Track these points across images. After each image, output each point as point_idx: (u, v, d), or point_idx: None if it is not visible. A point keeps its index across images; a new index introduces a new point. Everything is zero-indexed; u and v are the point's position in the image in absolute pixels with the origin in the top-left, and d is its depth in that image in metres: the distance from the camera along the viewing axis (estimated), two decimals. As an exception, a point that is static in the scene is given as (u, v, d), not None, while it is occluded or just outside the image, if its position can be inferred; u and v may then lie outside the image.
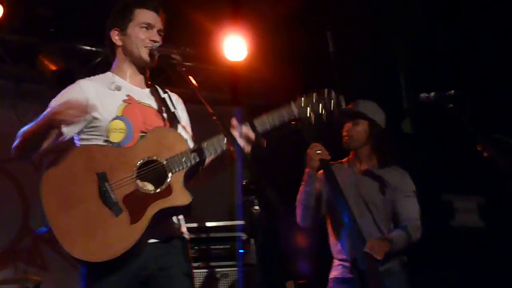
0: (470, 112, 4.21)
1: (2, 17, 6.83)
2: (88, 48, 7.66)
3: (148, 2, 3.98)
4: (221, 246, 6.31)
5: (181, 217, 3.88)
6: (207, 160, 3.79)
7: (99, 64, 7.64)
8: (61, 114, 3.52)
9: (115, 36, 3.97)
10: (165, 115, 3.91)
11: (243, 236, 6.16)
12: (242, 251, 6.14)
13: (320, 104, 3.89)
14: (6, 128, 7.52)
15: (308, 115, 3.88)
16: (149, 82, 4.05)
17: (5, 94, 7.68)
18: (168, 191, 3.60)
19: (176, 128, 3.88)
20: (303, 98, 3.88)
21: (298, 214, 5.27)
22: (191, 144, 3.85)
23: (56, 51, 7.37)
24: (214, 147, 3.71)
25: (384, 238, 5.07)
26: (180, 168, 3.64)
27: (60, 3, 7.26)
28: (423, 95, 4.36)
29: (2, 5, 6.80)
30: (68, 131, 3.75)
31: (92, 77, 3.97)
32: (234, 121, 3.73)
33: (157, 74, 4.19)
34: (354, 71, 7.79)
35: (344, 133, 5.40)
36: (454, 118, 4.22)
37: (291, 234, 5.44)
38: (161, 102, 3.96)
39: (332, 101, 3.92)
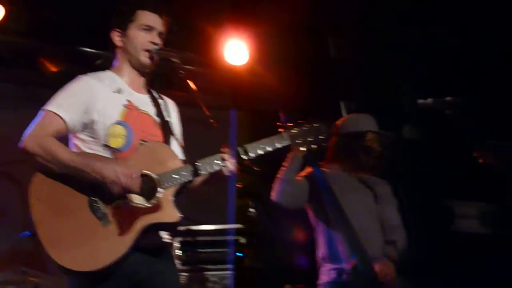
0: (469, 118, 4.23)
1: (4, 18, 6.83)
2: (90, 50, 7.67)
3: (150, 4, 3.99)
4: (217, 250, 6.31)
5: None
6: (199, 179, 3.83)
7: (100, 66, 7.64)
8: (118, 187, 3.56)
9: (116, 37, 3.99)
10: (161, 124, 3.92)
11: (241, 239, 6.17)
12: (240, 254, 6.14)
13: (311, 138, 3.96)
14: (8, 130, 7.57)
15: (299, 146, 3.96)
16: (148, 87, 4.05)
17: (7, 96, 7.66)
18: (157, 206, 3.62)
19: (169, 139, 3.90)
20: (295, 129, 3.95)
21: (275, 189, 5.22)
22: (181, 155, 3.88)
23: (58, 54, 7.38)
24: (207, 168, 3.73)
25: (389, 260, 5.12)
26: (171, 184, 3.66)
27: (63, 6, 7.27)
28: (421, 101, 4.37)
29: (3, 6, 6.80)
30: (72, 130, 3.78)
31: (93, 74, 3.95)
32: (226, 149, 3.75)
33: (158, 77, 4.18)
34: (355, 76, 7.80)
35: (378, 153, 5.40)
36: (452, 124, 4.24)
37: (288, 235, 5.45)
38: (157, 109, 3.96)
39: (323, 132, 3.98)
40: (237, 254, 6.10)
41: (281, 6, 7.21)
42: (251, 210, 3.41)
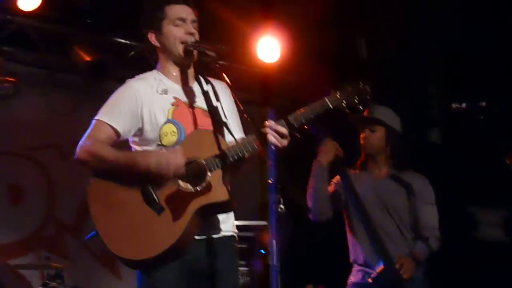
0: (500, 125, 4.21)
1: (39, 5, 6.89)
2: (123, 41, 7.70)
3: None
4: (240, 245, 6.31)
5: (231, 214, 3.95)
6: (246, 156, 3.80)
7: (133, 57, 7.70)
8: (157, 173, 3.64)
9: (153, 38, 3.99)
10: (210, 112, 3.94)
11: (264, 235, 6.16)
12: (262, 251, 6.13)
13: (355, 96, 3.87)
14: (36, 116, 7.66)
15: (342, 107, 3.85)
16: (194, 77, 4.06)
17: (37, 82, 7.71)
18: (207, 188, 3.69)
19: (220, 123, 3.90)
20: (338, 92, 3.86)
21: (310, 207, 5.27)
22: (239, 134, 3.94)
23: (90, 42, 7.42)
24: (250, 145, 3.74)
25: (412, 257, 5.08)
26: (218, 166, 3.71)
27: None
28: (454, 105, 4.35)
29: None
30: (124, 135, 3.87)
31: (140, 77, 4.00)
32: (267, 121, 3.68)
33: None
34: (385, 77, 7.78)
35: (363, 140, 5.42)
36: (483, 129, 4.22)
37: (312, 235, 5.45)
38: (206, 97, 3.98)
39: (368, 92, 3.91)
40: (260, 251, 6.11)
41: (312, 3, 7.21)
42: (281, 206, 3.37)
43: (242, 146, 3.74)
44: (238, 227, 6.36)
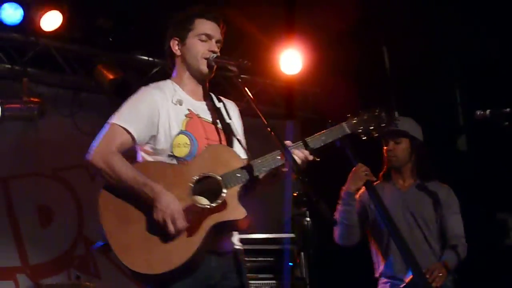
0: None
1: (61, 26, 6.95)
2: (146, 58, 7.75)
3: (209, 13, 3.99)
4: (267, 259, 6.29)
5: None
6: (261, 176, 3.81)
7: (156, 74, 7.73)
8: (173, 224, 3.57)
9: (175, 46, 3.98)
10: (222, 128, 3.94)
11: (292, 248, 6.15)
12: (291, 264, 6.11)
13: (372, 126, 3.97)
14: (63, 136, 7.71)
15: (360, 134, 3.96)
16: (207, 93, 4.05)
17: (63, 103, 7.77)
18: (223, 205, 3.65)
19: (232, 142, 3.91)
20: (355, 118, 3.95)
21: (336, 233, 5.29)
22: (244, 155, 3.88)
23: (114, 61, 7.47)
24: (269, 163, 3.73)
25: (442, 266, 5.05)
26: (235, 184, 3.68)
27: (119, 14, 7.36)
28: (479, 112, 4.33)
29: (62, 13, 6.91)
30: (139, 142, 3.80)
31: (155, 85, 3.96)
32: (287, 142, 3.74)
33: (214, 86, 4.18)
34: (409, 86, 7.76)
35: (387, 153, 5.40)
36: (509, 135, 4.19)
37: (339, 247, 5.41)
38: (218, 114, 3.98)
39: (383, 119, 4.00)
40: (289, 264, 6.09)
41: (334, 15, 7.22)
42: (307, 219, 3.37)
43: (266, 161, 3.74)
44: (265, 240, 6.41)
